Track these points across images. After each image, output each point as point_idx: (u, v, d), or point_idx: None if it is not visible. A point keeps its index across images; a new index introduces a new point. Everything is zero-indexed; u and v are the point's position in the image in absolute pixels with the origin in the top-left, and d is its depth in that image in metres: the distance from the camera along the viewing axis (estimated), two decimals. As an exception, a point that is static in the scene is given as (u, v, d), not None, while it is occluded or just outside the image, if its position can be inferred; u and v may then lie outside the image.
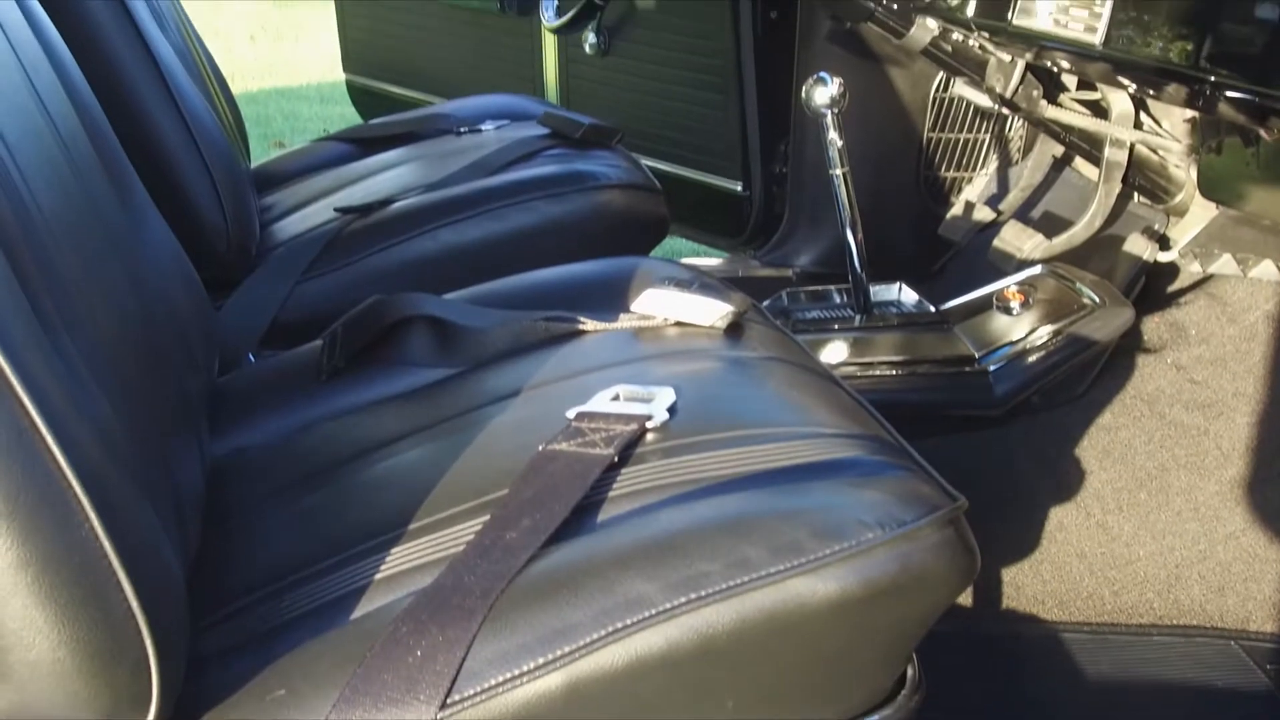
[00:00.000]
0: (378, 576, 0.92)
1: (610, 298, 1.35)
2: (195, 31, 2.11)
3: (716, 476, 0.96)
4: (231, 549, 1.06)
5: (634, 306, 1.31)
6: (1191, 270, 1.98)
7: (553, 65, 2.81)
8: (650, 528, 0.91)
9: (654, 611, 0.85)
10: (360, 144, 2.22)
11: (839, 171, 1.88)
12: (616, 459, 0.99)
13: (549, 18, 1.94)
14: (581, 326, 1.29)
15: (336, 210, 1.82)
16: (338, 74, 3.52)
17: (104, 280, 1.05)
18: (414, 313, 1.33)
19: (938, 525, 0.92)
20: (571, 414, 1.07)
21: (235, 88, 2.16)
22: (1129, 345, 1.94)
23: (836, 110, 1.86)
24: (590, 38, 2.64)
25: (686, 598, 0.86)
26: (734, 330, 1.26)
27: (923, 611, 0.94)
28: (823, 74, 1.87)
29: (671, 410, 1.07)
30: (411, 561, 0.93)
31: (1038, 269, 1.98)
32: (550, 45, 2.81)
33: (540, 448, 1.01)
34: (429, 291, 1.40)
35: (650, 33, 2.57)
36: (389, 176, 1.99)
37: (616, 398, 1.10)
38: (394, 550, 0.95)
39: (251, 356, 1.62)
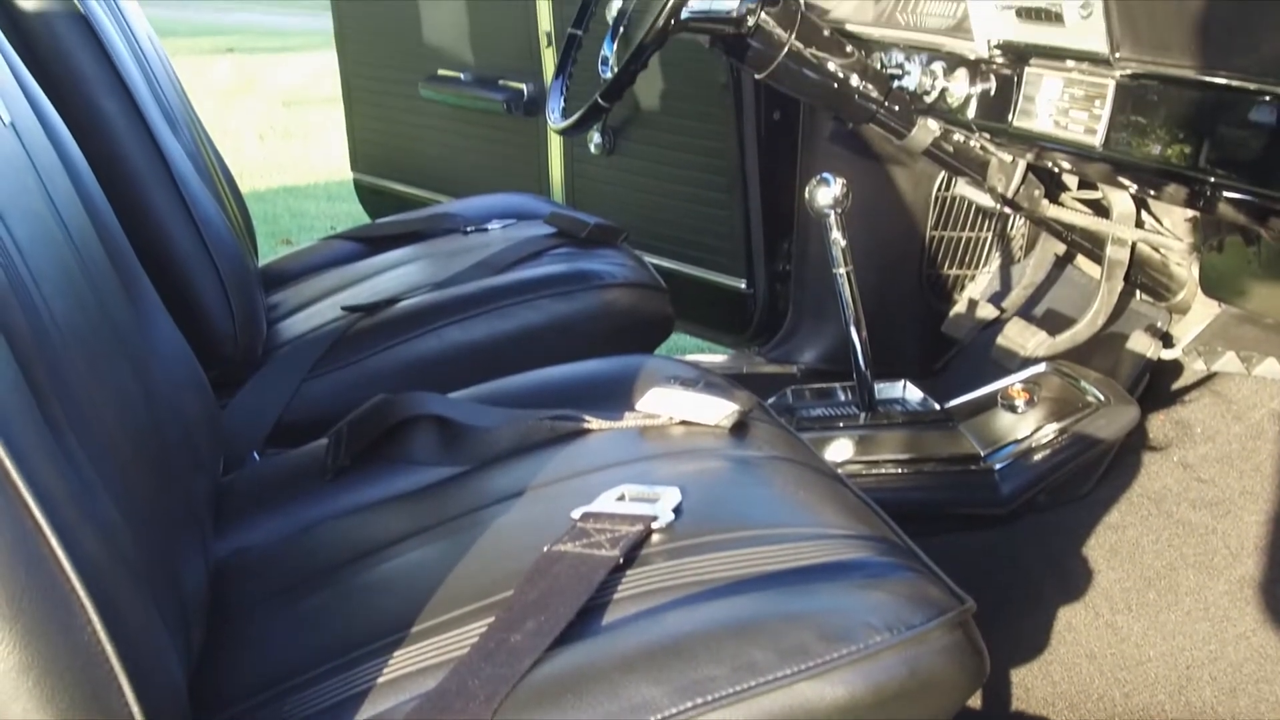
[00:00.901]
0: (380, 680, 0.92)
1: (615, 396, 1.36)
2: (205, 132, 2.14)
3: (723, 578, 0.96)
4: (232, 651, 1.05)
5: (639, 405, 1.31)
6: (1196, 368, 1.99)
7: (558, 164, 2.85)
8: (656, 630, 0.91)
9: (660, 717, 0.84)
10: (367, 243, 2.24)
11: (843, 270, 1.90)
12: (622, 560, 0.98)
13: (555, 119, 1.96)
14: (586, 425, 1.29)
15: (343, 309, 1.83)
16: (344, 173, 3.56)
17: (112, 382, 1.06)
18: (419, 412, 1.33)
19: (946, 628, 0.91)
20: (576, 514, 1.06)
21: (244, 186, 2.19)
22: (1135, 443, 1.93)
23: (840, 210, 1.87)
24: (595, 137, 2.68)
25: (693, 703, 0.85)
26: (739, 429, 1.26)
27: (932, 715, 0.93)
28: (826, 175, 1.89)
29: (677, 511, 1.06)
30: (415, 665, 0.92)
31: (1042, 367, 1.98)
32: (555, 145, 2.84)
33: (545, 549, 1.01)
34: (435, 390, 1.41)
35: (654, 132, 2.60)
36: (395, 275, 2.01)
37: (622, 498, 1.10)
38: (396, 653, 0.94)
39: (256, 455, 1.62)
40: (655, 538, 1.03)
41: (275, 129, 7.21)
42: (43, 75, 1.47)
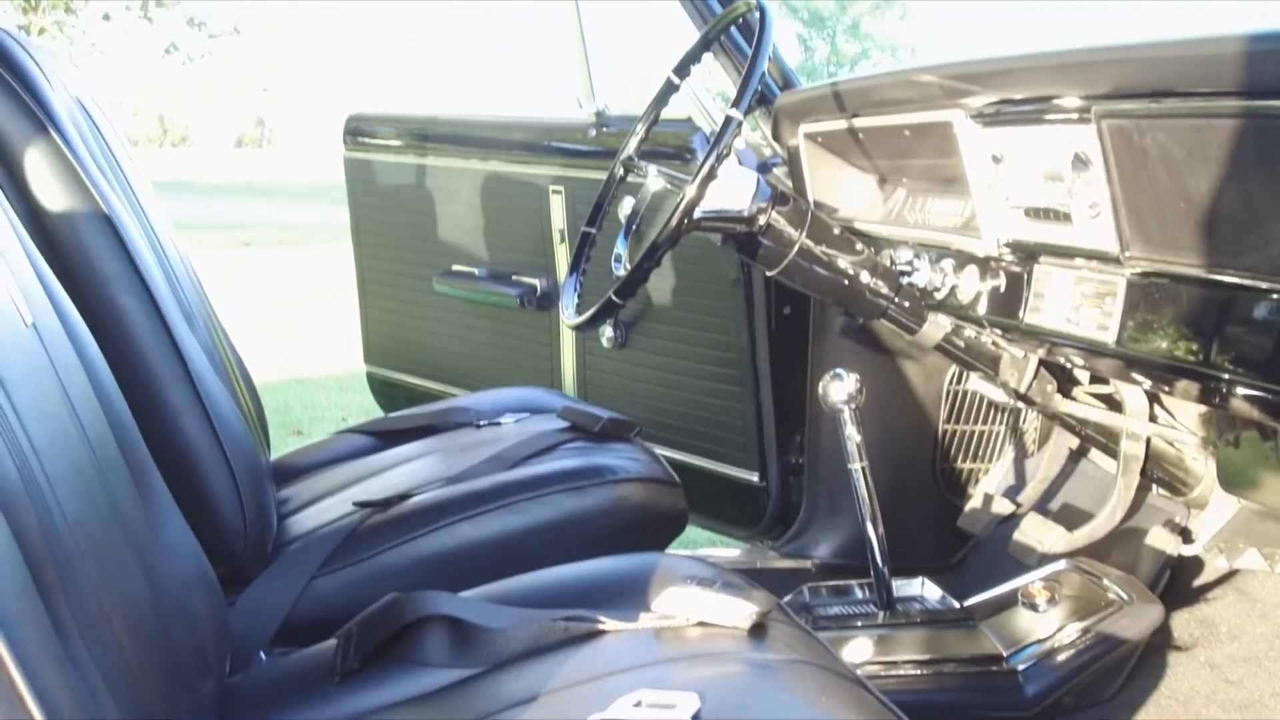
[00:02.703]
0: None
1: (631, 596, 1.33)
2: (221, 326, 2.16)
3: (745, 792, 0.93)
4: None
5: (655, 605, 1.29)
6: (1217, 564, 1.96)
7: (570, 358, 2.87)
8: None
9: None
10: (379, 436, 2.24)
11: (857, 466, 1.89)
12: (641, 772, 0.95)
13: (569, 315, 1.98)
14: (601, 626, 1.27)
15: (354, 504, 1.82)
16: (357, 365, 3.58)
17: (121, 585, 1.05)
18: (431, 612, 1.31)
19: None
20: (593, 722, 1.03)
21: (257, 377, 2.19)
22: (1159, 643, 1.89)
23: (853, 405, 1.87)
24: (607, 331, 2.70)
25: None
26: (758, 631, 1.24)
27: None
28: (839, 370, 1.89)
29: (696, 718, 1.03)
30: None
31: (1061, 564, 1.96)
32: (568, 339, 2.87)
33: (561, 759, 0.97)
34: (447, 588, 1.39)
35: (666, 327, 2.62)
36: (407, 470, 2.00)
37: (639, 704, 1.07)
38: None
39: (263, 655, 1.59)
40: (674, 747, 1.00)
41: (289, 321, 7.30)
42: (65, 273, 1.49)
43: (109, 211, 1.62)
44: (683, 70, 2.05)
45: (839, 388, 1.88)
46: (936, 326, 1.98)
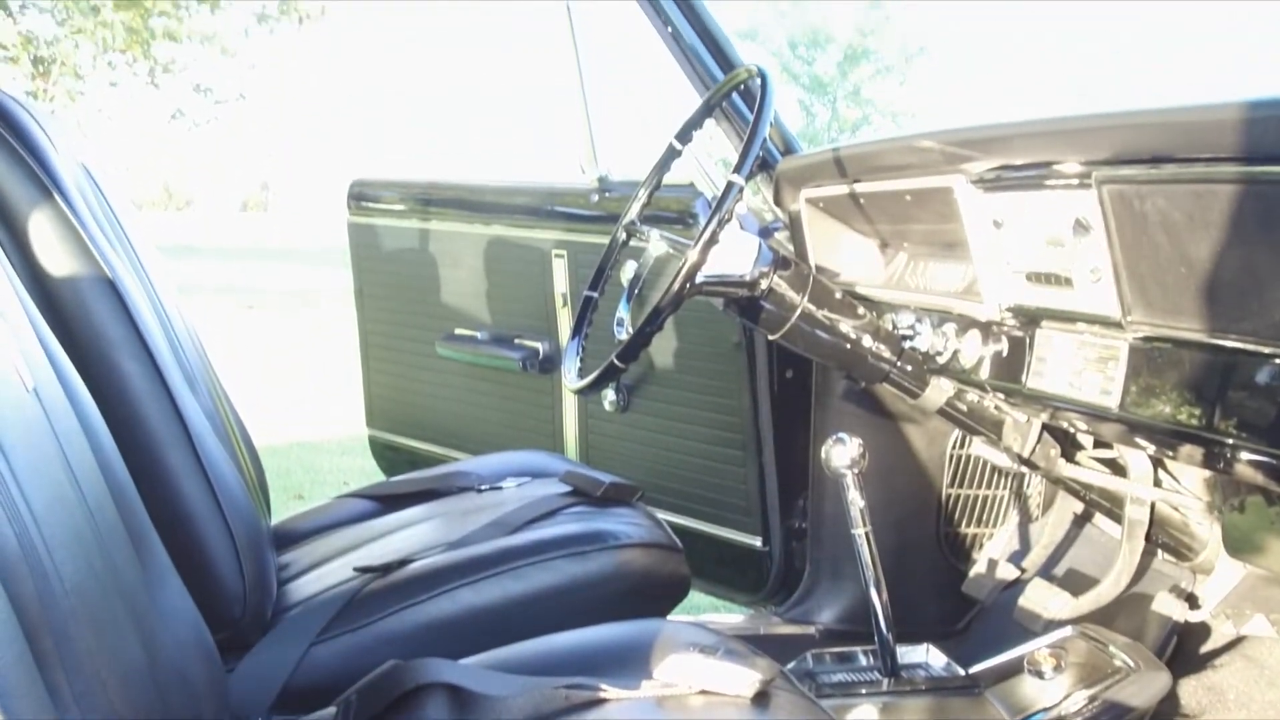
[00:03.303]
0: None
1: (633, 663, 1.32)
2: (224, 389, 2.16)
3: None
4: None
5: (657, 673, 1.28)
6: (1224, 630, 1.94)
7: (572, 421, 2.86)
8: None
9: None
10: (380, 501, 2.23)
11: (860, 531, 1.88)
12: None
13: (571, 379, 1.98)
14: (603, 694, 1.26)
15: (355, 569, 1.81)
16: (359, 428, 3.58)
17: (118, 652, 1.04)
18: (430, 679, 1.30)
19: None
20: (594, 793, 1.02)
21: (259, 441, 2.19)
22: (1167, 710, 1.87)
23: (857, 470, 1.87)
24: (610, 395, 2.70)
25: None
26: (761, 699, 1.22)
27: None
28: (842, 435, 1.89)
29: (699, 789, 1.02)
30: None
31: (1067, 630, 1.94)
32: (570, 402, 2.87)
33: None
34: (447, 654, 1.38)
35: (668, 390, 2.62)
36: (408, 534, 1.99)
37: (641, 774, 1.06)
38: None
39: (261, 723, 1.57)
40: (676, 819, 0.98)
41: (292, 384, 7.31)
42: (67, 336, 1.49)
43: (112, 276, 1.62)
44: (685, 136, 2.07)
45: (842, 452, 1.87)
46: (939, 391, 1.98)
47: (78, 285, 1.61)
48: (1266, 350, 1.39)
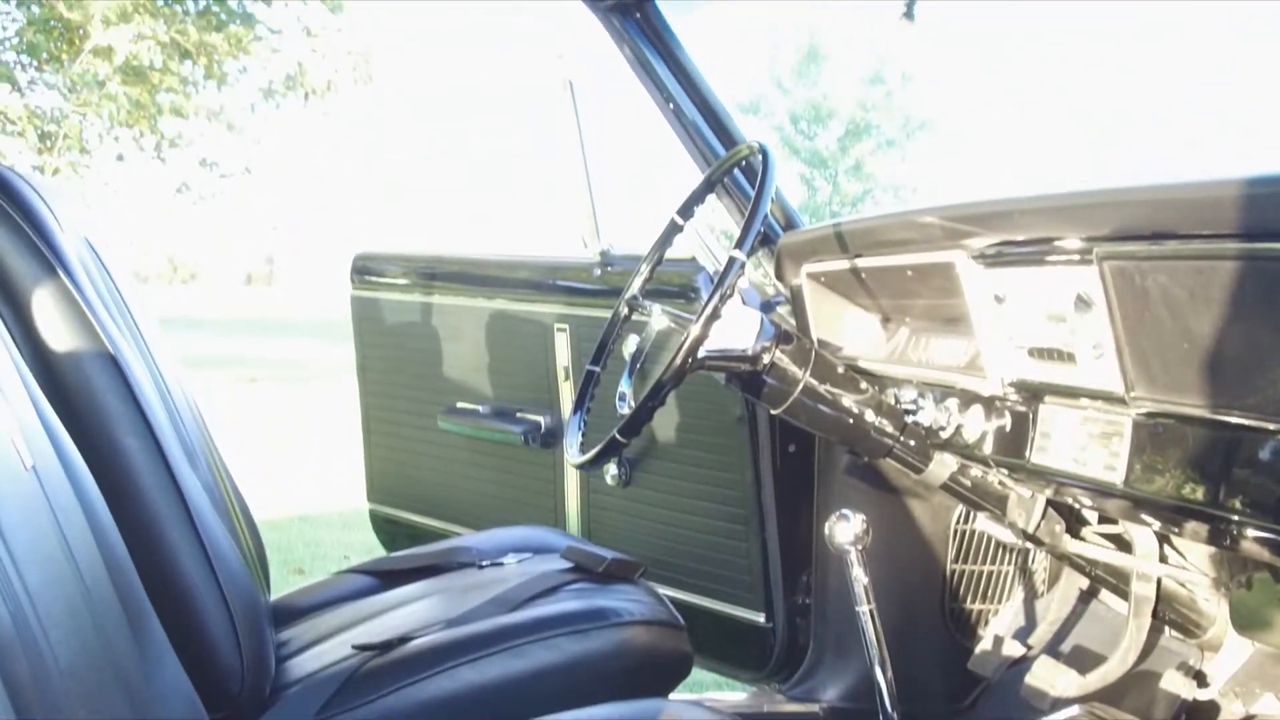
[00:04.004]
0: None
1: (634, 744, 1.31)
2: (224, 464, 2.16)
3: None
4: None
5: (659, 754, 1.26)
6: (1233, 709, 1.92)
7: (574, 495, 2.85)
8: None
9: None
10: (380, 576, 2.22)
11: (865, 609, 1.86)
12: None
13: (573, 454, 1.97)
14: (605, 776, 1.24)
15: (354, 647, 1.79)
16: (359, 502, 3.57)
17: (113, 732, 1.02)
18: (430, 760, 1.28)
19: None
20: None
21: (259, 514, 2.18)
22: (1177, 791, 1.85)
23: (860, 547, 1.85)
24: (612, 469, 2.69)
25: None
26: (764, 781, 1.21)
27: None
28: (845, 511, 1.88)
29: None
30: None
31: (1075, 709, 1.91)
32: (572, 476, 2.86)
33: None
34: (447, 735, 1.36)
35: (670, 464, 2.61)
36: (409, 611, 1.97)
37: None
38: None
39: (258, 805, 1.55)
40: None
41: (293, 457, 7.29)
42: (68, 411, 1.49)
43: (114, 351, 1.63)
44: (686, 212, 2.08)
45: (845, 529, 1.85)
46: (942, 466, 1.97)
47: (79, 360, 1.61)
48: (1271, 427, 1.38)
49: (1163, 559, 1.93)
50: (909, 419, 1.96)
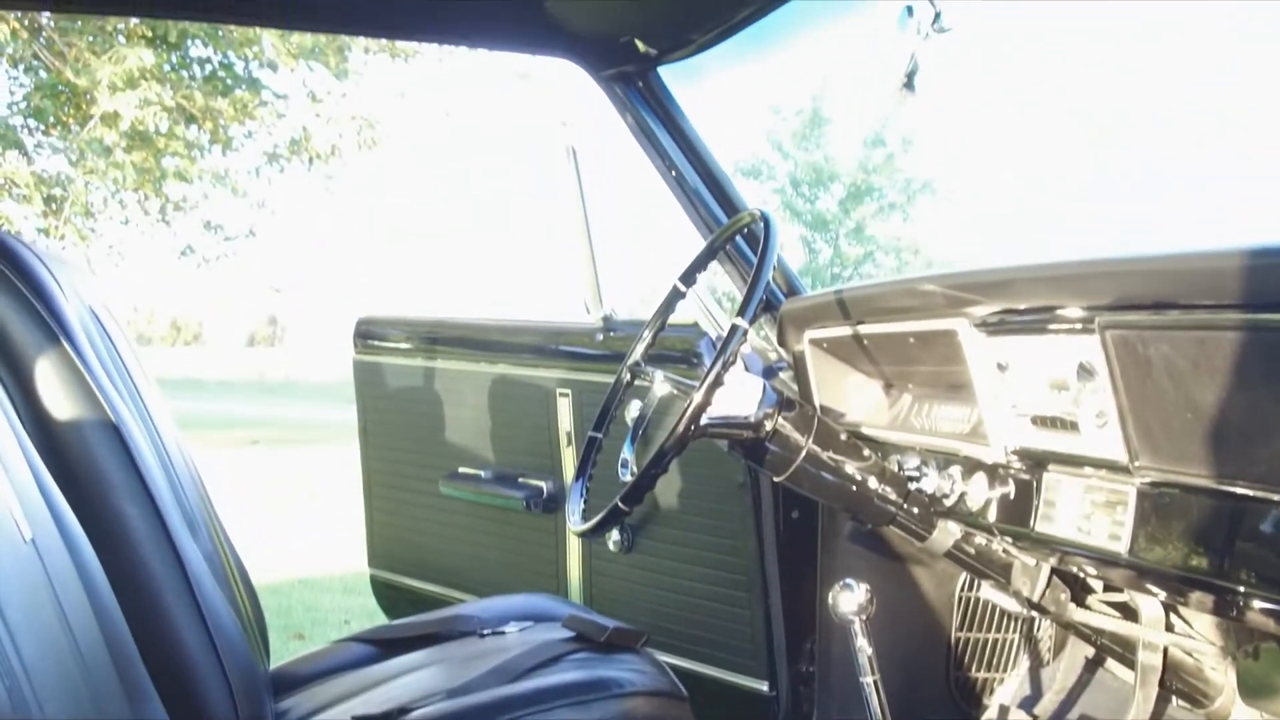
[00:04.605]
0: None
1: (636, 819, 1.29)
2: (225, 531, 2.15)
3: None
4: None
5: (661, 831, 1.24)
6: (1242, 780, 1.89)
7: (576, 562, 2.84)
8: None
9: None
10: (380, 645, 2.20)
11: (869, 679, 1.84)
12: None
13: (575, 522, 1.96)
14: None
15: (355, 718, 1.78)
16: (360, 566, 3.55)
17: (108, 810, 1.01)
18: (429, 836, 1.27)
19: None
20: None
21: (259, 578, 2.17)
22: None
23: (864, 617, 1.84)
24: (614, 535, 2.68)
25: None
26: None
27: None
28: (849, 580, 1.86)
29: None
30: None
31: (1082, 780, 1.89)
32: (574, 542, 2.84)
33: None
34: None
35: (673, 530, 2.60)
36: (408, 681, 1.95)
37: None
38: None
39: None
40: None
41: (294, 521, 7.27)
42: (68, 479, 1.49)
43: (115, 419, 1.62)
44: (689, 279, 2.08)
45: (849, 599, 1.84)
46: (946, 534, 1.96)
47: (80, 428, 1.61)
48: (1275, 497, 1.37)
49: (1169, 628, 1.91)
50: (912, 486, 1.96)
